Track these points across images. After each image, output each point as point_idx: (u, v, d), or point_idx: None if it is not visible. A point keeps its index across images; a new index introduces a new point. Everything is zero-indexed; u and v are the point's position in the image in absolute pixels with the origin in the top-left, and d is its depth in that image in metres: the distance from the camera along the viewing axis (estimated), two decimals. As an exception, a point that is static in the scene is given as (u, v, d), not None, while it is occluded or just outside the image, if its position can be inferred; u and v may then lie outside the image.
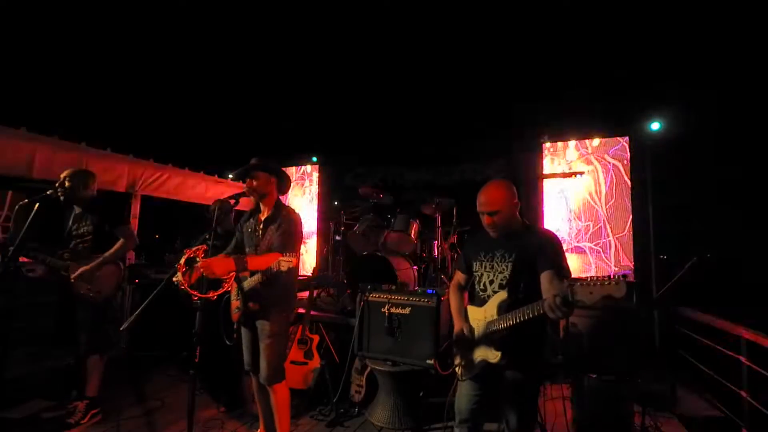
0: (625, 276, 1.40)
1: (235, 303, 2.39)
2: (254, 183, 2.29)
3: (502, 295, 1.77)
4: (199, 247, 2.08)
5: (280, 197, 2.46)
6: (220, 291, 2.10)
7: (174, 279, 2.06)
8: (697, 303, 3.33)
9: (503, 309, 1.74)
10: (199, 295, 1.98)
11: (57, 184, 2.76)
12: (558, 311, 1.46)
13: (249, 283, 2.24)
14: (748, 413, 2.58)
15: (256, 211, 2.42)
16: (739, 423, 2.65)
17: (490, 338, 1.77)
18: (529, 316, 1.59)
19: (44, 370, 3.50)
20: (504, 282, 1.81)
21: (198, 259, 2.01)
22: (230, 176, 5.98)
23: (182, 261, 2.02)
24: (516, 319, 1.65)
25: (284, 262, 2.01)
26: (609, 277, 1.40)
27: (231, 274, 2.09)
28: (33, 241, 2.72)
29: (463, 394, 1.90)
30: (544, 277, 1.70)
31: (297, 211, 2.43)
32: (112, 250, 2.80)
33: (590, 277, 1.44)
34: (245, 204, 2.61)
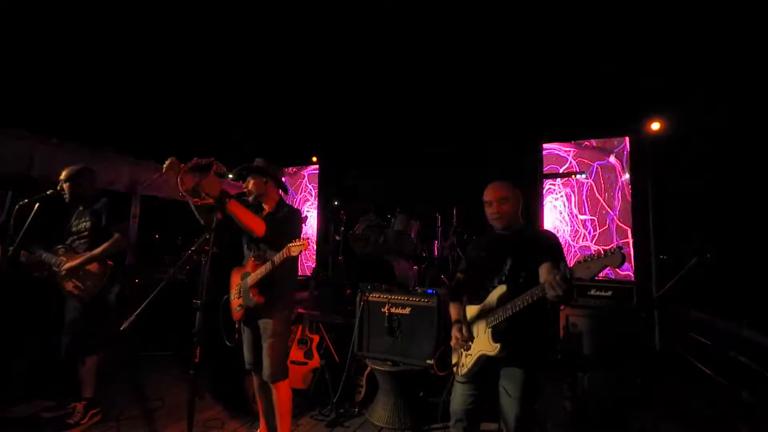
0: (620, 247, 1.42)
1: (236, 302, 2.39)
2: (249, 185, 2.36)
3: (501, 288, 1.79)
4: (220, 165, 2.10)
5: (283, 195, 2.49)
6: (195, 200, 2.08)
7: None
8: (697, 303, 3.34)
9: (502, 302, 1.76)
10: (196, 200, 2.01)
11: (59, 184, 2.76)
12: (558, 288, 1.48)
13: (254, 276, 2.25)
14: (748, 413, 2.58)
15: (259, 209, 2.44)
16: (739, 423, 2.66)
17: (489, 331, 1.78)
18: (528, 302, 1.61)
19: (44, 370, 3.50)
20: (503, 277, 1.83)
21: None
22: (230, 176, 5.98)
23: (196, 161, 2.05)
24: (515, 308, 1.66)
25: (294, 248, 2.07)
26: (604, 250, 1.44)
27: (209, 198, 2.06)
28: (33, 241, 2.72)
29: (459, 393, 1.90)
30: (543, 268, 1.73)
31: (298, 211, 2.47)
32: (101, 247, 2.73)
33: (586, 256, 1.48)
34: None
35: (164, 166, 2.04)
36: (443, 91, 6.07)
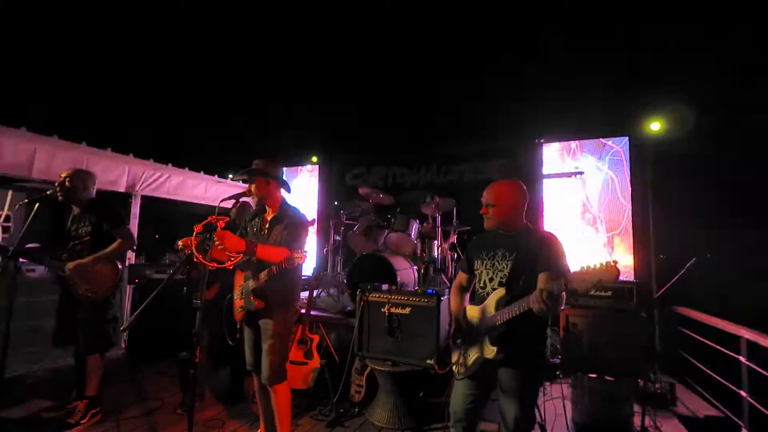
0: (615, 261, 1.43)
1: (239, 302, 2.40)
2: (252, 188, 2.35)
3: (500, 291, 1.79)
4: (222, 217, 2.10)
5: (285, 195, 2.49)
6: (224, 265, 2.16)
7: (183, 244, 2.11)
8: (697, 303, 3.33)
9: (501, 305, 1.76)
10: (203, 260, 2.00)
11: (57, 184, 2.76)
12: (541, 303, 1.54)
13: (253, 282, 2.25)
14: (748, 413, 2.58)
15: (262, 210, 2.44)
16: (739, 423, 2.65)
17: (487, 334, 1.79)
18: (520, 310, 1.64)
19: (44, 370, 3.50)
20: (503, 280, 1.83)
21: (217, 227, 2.05)
22: (230, 176, 5.99)
23: (202, 224, 2.05)
24: (511, 314, 1.67)
25: (294, 259, 2.08)
26: (600, 263, 1.44)
27: (238, 255, 2.14)
28: (33, 241, 2.72)
29: (459, 393, 1.90)
30: (540, 278, 1.73)
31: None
32: (108, 249, 2.79)
33: (583, 266, 1.48)
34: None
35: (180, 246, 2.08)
36: (444, 90, 6.07)
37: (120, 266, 2.91)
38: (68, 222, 2.90)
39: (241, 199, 2.43)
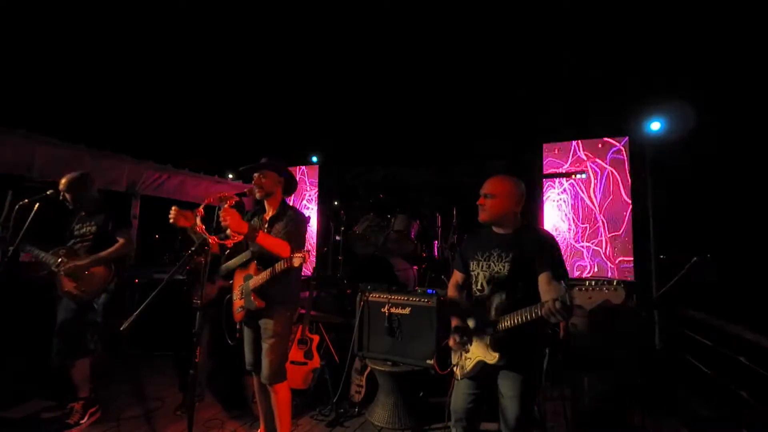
0: (623, 282, 1.39)
1: (238, 303, 2.39)
2: (262, 180, 2.31)
3: (501, 296, 1.77)
4: (233, 197, 2.07)
5: (286, 199, 2.48)
6: (225, 242, 2.11)
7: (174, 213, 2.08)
8: (697, 303, 3.33)
9: (501, 310, 1.74)
10: (207, 235, 1.98)
11: (60, 197, 2.75)
12: (558, 315, 1.47)
13: (255, 281, 2.25)
14: (748, 413, 2.58)
15: (261, 210, 2.44)
16: (739, 423, 2.65)
17: (488, 339, 1.77)
18: (528, 319, 1.59)
19: (44, 370, 3.50)
20: (502, 282, 1.80)
21: (224, 206, 2.03)
22: (230, 176, 5.99)
23: (214, 197, 2.04)
24: (515, 321, 1.64)
25: (296, 259, 2.06)
26: (608, 282, 1.40)
27: (238, 236, 2.08)
28: (33, 241, 2.71)
29: (460, 393, 1.90)
30: (542, 279, 1.70)
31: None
32: (108, 250, 2.75)
33: (589, 281, 1.44)
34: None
35: (171, 219, 2.05)
36: (444, 90, 6.08)
37: (113, 269, 2.82)
38: (74, 222, 2.89)
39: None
